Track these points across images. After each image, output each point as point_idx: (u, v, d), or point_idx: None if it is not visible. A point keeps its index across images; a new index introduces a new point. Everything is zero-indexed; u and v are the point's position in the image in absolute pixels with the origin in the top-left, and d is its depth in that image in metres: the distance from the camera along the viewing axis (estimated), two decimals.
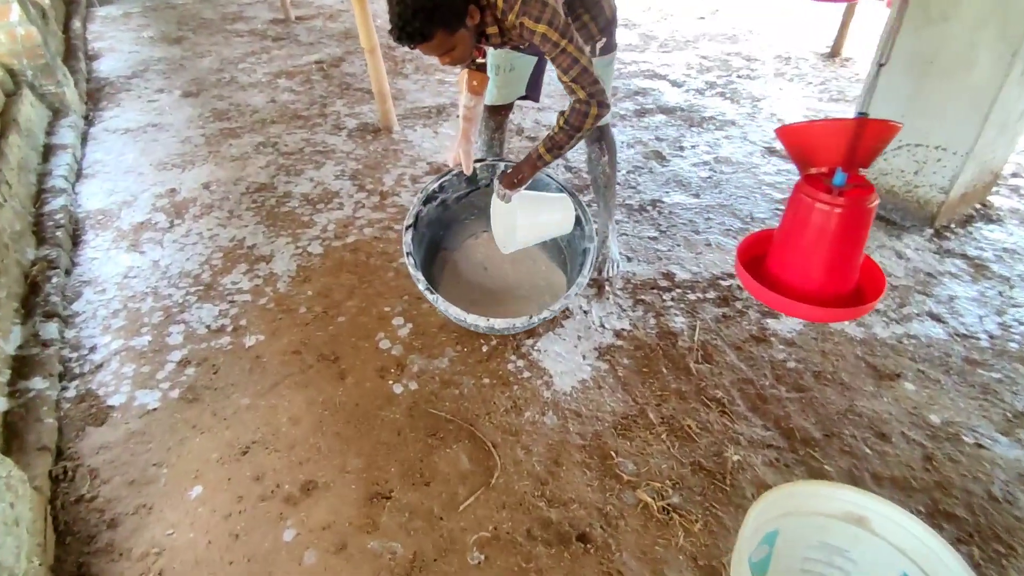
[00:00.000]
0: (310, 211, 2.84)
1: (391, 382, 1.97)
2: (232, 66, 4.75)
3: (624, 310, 2.22)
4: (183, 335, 2.16)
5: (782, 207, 2.80)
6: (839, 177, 1.39)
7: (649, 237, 2.61)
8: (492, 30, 1.65)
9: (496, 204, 1.97)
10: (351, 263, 2.50)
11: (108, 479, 1.68)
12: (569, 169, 3.17)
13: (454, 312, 1.86)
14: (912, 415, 1.78)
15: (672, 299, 2.27)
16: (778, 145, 3.38)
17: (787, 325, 2.13)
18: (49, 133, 3.48)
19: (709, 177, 3.07)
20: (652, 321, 2.17)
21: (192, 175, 3.17)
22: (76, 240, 2.68)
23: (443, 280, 2.28)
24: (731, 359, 2.00)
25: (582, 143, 2.26)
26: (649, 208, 2.82)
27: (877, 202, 1.39)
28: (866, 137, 1.33)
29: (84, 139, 3.62)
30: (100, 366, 2.03)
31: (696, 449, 1.70)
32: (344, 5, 6.31)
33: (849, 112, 3.78)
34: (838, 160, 1.39)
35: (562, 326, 2.15)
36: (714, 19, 5.84)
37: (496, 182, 1.91)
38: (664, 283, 2.35)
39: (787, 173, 3.08)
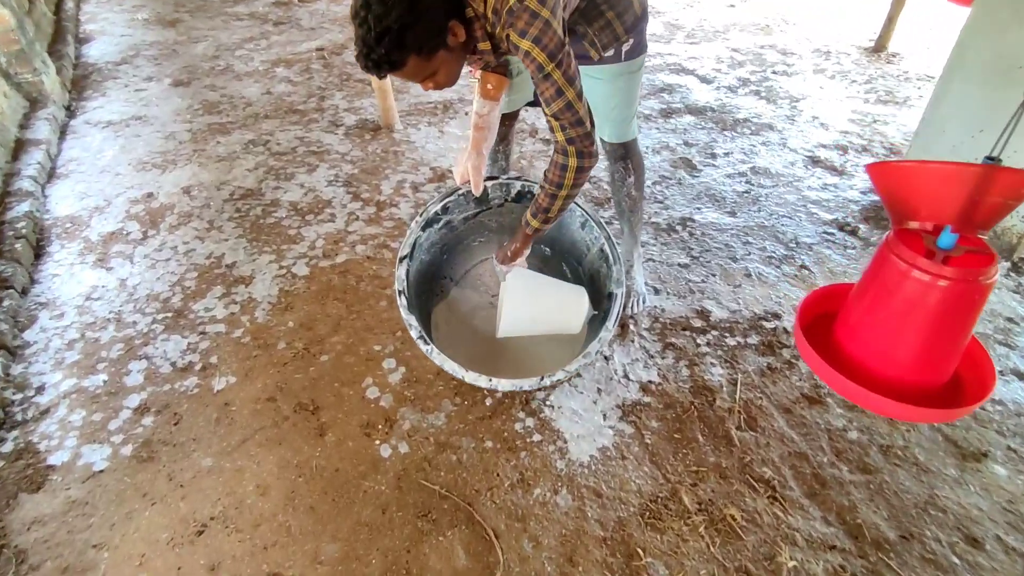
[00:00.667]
0: (298, 223, 2.54)
1: (378, 442, 1.68)
2: (228, 52, 4.44)
3: (652, 356, 1.91)
4: (144, 374, 1.88)
5: (831, 230, 2.47)
6: (947, 238, 1.07)
7: (679, 264, 2.29)
8: (484, 45, 1.36)
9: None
10: (339, 288, 2.20)
11: (38, 565, 1.41)
12: (589, 179, 2.83)
13: (451, 366, 1.56)
14: (1007, 512, 1.47)
15: (708, 344, 1.96)
16: (822, 154, 3.04)
17: None
18: (23, 126, 3.20)
19: (746, 191, 2.74)
20: (685, 372, 1.86)
21: (172, 177, 2.88)
22: (39, 252, 2.41)
23: (441, 317, 1.97)
24: (779, 425, 1.69)
25: (602, 162, 1.94)
26: (678, 228, 2.50)
27: (997, 276, 1.06)
28: (994, 191, 1.00)
29: (63, 132, 3.34)
30: (46, 411, 1.76)
31: (742, 549, 1.41)
32: None
33: (901, 116, 3.41)
34: (949, 216, 1.07)
35: (579, 376, 1.85)
36: (745, 7, 5.43)
37: (493, 257, 1.67)
38: (698, 323, 2.04)
39: (834, 189, 2.74)
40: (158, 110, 3.57)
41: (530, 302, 1.65)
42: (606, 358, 1.90)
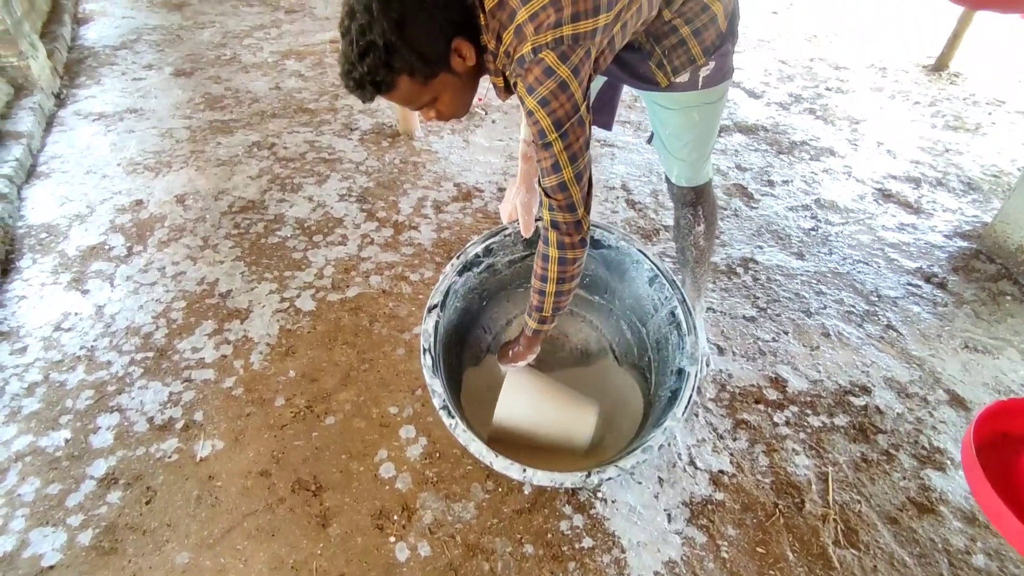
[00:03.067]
0: (305, 245, 2.23)
1: (393, 539, 1.37)
2: (236, 41, 4.11)
3: (721, 437, 1.60)
4: (114, 432, 1.58)
5: (916, 282, 2.15)
6: None
7: (745, 317, 1.98)
8: (497, 81, 1.11)
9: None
10: (350, 330, 1.89)
11: None
12: (632, 205, 2.52)
13: (477, 448, 1.25)
14: None
15: (787, 423, 1.65)
16: (894, 187, 2.71)
17: (958, 483, 1.50)
18: (4, 116, 2.88)
19: (813, 229, 2.42)
20: (763, 460, 1.55)
21: (166, 182, 2.57)
22: (6, 267, 2.10)
23: (474, 378, 1.66)
24: (886, 542, 1.38)
25: (667, 204, 1.62)
26: (739, 270, 2.18)
27: None
28: None
29: (49, 124, 3.02)
30: None
31: None
32: None
33: (975, 146, 3.08)
34: None
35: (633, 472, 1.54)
36: (788, 14, 5.08)
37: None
38: (773, 394, 1.72)
39: (912, 230, 2.42)
40: (156, 103, 3.25)
41: (528, 406, 1.44)
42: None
